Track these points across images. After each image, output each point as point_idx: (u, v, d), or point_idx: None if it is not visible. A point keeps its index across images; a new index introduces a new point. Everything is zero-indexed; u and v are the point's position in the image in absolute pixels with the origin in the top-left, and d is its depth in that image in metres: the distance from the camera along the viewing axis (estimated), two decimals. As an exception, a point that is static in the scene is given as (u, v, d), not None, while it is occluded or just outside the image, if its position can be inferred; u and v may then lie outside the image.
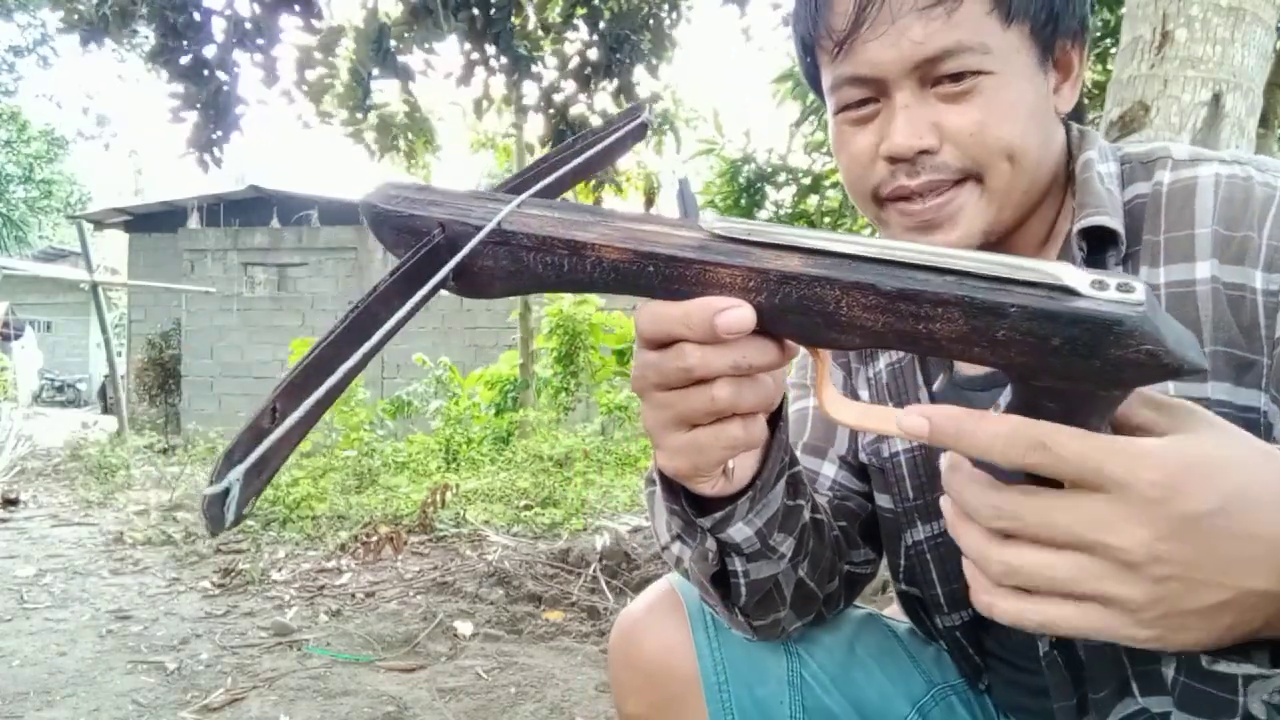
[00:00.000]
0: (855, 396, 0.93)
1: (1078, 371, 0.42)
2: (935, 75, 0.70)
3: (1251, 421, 0.66)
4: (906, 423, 0.45)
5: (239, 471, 0.38)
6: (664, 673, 0.87)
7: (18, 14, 18.97)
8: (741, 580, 0.74)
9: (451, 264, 0.50)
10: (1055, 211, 0.80)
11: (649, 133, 0.63)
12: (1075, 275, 0.42)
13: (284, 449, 0.40)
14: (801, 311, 0.46)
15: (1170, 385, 0.67)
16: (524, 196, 0.53)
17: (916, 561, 0.87)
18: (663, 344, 0.50)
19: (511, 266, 0.51)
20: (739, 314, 0.46)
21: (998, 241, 0.76)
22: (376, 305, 0.46)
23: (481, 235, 0.51)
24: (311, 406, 0.40)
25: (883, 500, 0.89)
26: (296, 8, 4.14)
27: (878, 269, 0.44)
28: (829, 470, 0.92)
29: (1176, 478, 0.41)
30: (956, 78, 0.70)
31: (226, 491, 0.38)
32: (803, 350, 0.52)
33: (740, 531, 0.68)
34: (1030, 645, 0.80)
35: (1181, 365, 0.41)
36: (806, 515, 0.75)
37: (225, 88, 4.17)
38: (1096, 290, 0.41)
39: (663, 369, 0.51)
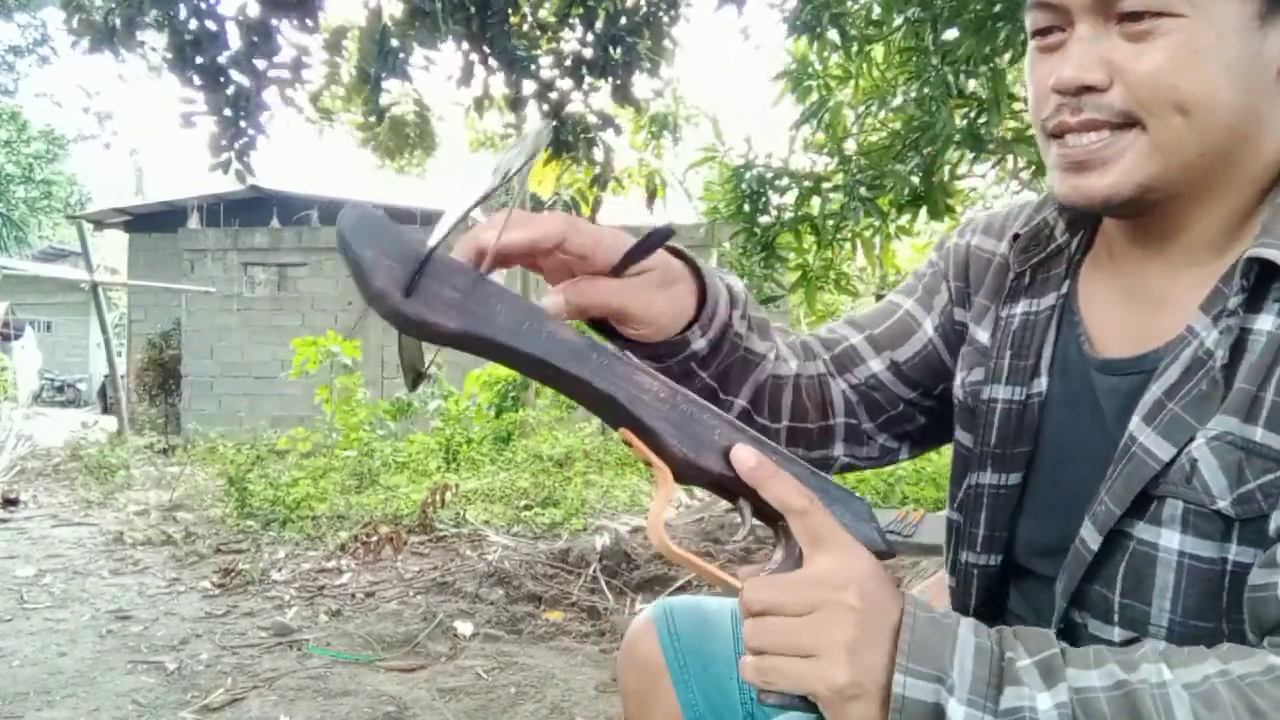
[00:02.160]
0: (965, 327, 0.92)
1: None
2: (1118, 11, 0.67)
3: None
4: (738, 452, 0.64)
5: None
6: (650, 666, 1.05)
7: (18, 14, 18.96)
8: None
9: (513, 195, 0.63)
10: (1258, 203, 0.72)
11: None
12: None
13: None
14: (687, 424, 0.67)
15: (1258, 431, 0.63)
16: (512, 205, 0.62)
17: (972, 499, 0.88)
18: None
19: (478, 308, 0.58)
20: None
21: (1163, 201, 0.70)
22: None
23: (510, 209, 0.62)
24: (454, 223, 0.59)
25: (963, 437, 0.90)
26: (292, 13, 4.13)
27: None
28: (875, 365, 0.94)
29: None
30: (1137, 16, 0.66)
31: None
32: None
33: None
34: (1049, 609, 0.78)
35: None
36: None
37: (250, 93, 4.15)
38: None
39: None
